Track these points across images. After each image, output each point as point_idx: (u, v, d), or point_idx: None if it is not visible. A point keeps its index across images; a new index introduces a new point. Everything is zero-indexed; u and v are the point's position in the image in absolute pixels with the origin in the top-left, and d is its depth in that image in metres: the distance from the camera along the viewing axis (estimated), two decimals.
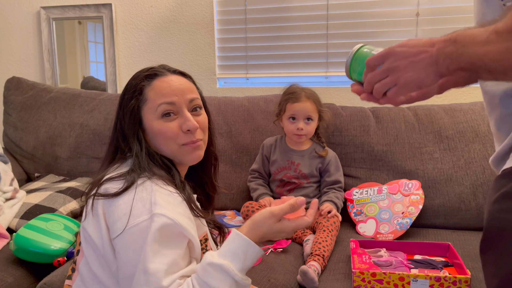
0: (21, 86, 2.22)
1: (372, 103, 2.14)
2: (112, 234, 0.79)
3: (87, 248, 0.85)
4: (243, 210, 1.63)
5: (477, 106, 1.73)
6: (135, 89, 0.90)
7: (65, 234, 1.44)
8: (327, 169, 1.67)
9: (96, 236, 0.82)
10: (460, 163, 1.65)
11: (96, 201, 0.83)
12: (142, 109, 0.90)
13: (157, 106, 0.88)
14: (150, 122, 0.90)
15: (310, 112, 1.62)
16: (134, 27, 2.29)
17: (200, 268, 0.79)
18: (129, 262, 0.77)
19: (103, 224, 0.82)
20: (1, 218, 1.59)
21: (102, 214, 0.82)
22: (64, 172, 2.05)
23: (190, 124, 0.89)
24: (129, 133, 0.89)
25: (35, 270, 1.42)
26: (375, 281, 1.18)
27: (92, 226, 0.83)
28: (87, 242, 0.85)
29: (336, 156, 1.71)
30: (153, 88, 0.90)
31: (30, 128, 2.13)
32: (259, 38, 2.16)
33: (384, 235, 1.55)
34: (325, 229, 1.47)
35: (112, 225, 0.79)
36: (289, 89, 1.70)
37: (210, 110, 1.03)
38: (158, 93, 0.89)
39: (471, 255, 1.38)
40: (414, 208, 1.57)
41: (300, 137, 1.64)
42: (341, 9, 2.04)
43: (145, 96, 0.90)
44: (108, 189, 0.83)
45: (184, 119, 0.90)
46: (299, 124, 1.62)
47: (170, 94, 0.89)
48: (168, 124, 0.89)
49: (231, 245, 0.80)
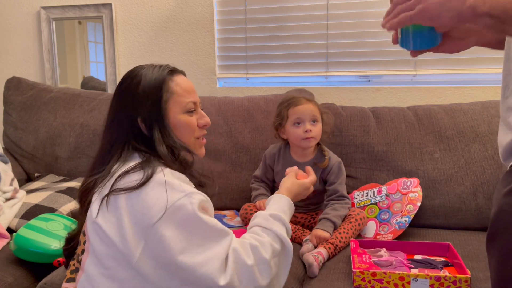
0: (21, 86, 2.22)
1: (372, 103, 2.15)
2: (151, 220, 0.79)
3: (98, 245, 0.85)
4: (242, 212, 1.62)
5: (477, 106, 1.73)
6: (161, 81, 0.95)
7: (65, 234, 1.44)
8: (327, 178, 1.60)
9: (113, 231, 0.82)
10: (460, 163, 1.65)
11: (114, 196, 0.83)
12: (169, 101, 0.95)
13: (186, 102, 0.98)
14: (176, 114, 0.96)
15: (314, 113, 1.55)
16: (134, 27, 2.29)
17: (262, 218, 0.94)
18: (179, 238, 0.79)
19: (125, 216, 0.82)
20: (1, 218, 1.59)
21: (124, 207, 0.82)
22: (64, 172, 2.05)
23: (207, 119, 1.04)
24: (154, 123, 0.92)
25: (35, 270, 1.42)
26: (375, 280, 1.18)
27: (109, 221, 0.83)
28: (100, 239, 0.84)
29: (339, 164, 1.60)
30: (178, 83, 0.98)
31: (30, 128, 2.13)
32: (259, 38, 2.16)
33: (383, 235, 1.55)
34: (352, 221, 1.49)
35: (148, 212, 0.80)
36: (287, 97, 1.62)
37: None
38: (184, 89, 0.98)
39: (471, 255, 1.38)
40: (412, 206, 1.57)
41: (309, 140, 1.53)
42: (341, 9, 2.04)
43: (172, 90, 0.96)
44: (128, 183, 0.83)
45: (201, 115, 1.03)
46: (307, 126, 1.52)
47: (193, 92, 1.01)
48: (191, 118, 1.00)
49: (278, 204, 1.01)
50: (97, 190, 0.89)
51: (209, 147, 1.88)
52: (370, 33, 2.01)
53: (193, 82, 2.21)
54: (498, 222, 0.71)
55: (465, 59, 1.92)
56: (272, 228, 0.92)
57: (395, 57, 2.00)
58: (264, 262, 0.85)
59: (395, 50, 2.00)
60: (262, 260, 0.85)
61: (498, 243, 0.70)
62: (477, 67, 1.93)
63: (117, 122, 0.95)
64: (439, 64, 1.96)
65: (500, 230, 0.70)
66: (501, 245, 0.69)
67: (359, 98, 2.05)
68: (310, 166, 1.53)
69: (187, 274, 0.79)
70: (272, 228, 0.92)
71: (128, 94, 0.94)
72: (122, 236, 0.81)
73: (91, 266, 0.86)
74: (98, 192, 0.88)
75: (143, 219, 0.80)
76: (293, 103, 1.56)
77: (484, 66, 1.92)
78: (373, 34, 2.01)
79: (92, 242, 0.86)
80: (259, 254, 0.85)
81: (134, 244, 0.80)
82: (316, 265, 1.31)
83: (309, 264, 1.32)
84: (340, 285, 1.23)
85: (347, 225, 1.49)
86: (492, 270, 0.72)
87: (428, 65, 1.98)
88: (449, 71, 1.96)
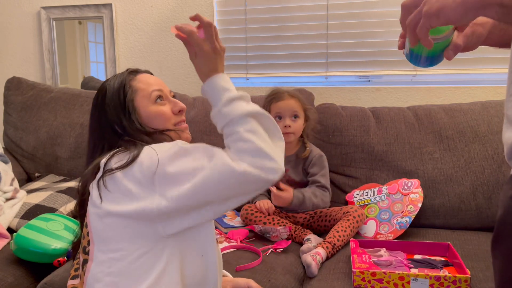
0: (22, 86, 2.22)
1: (372, 103, 2.15)
2: (150, 170, 0.83)
3: (106, 230, 0.87)
4: (243, 212, 1.63)
5: (477, 106, 1.73)
6: (122, 84, 0.99)
7: (65, 234, 1.44)
8: (309, 170, 1.65)
9: (124, 203, 0.85)
10: (460, 163, 1.65)
11: (110, 176, 0.87)
12: (135, 99, 0.98)
13: (150, 92, 0.99)
14: (146, 107, 0.98)
15: (295, 109, 1.60)
16: (134, 27, 2.29)
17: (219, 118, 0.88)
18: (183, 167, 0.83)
19: (128, 184, 0.85)
20: (2, 218, 1.59)
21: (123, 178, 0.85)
22: (64, 172, 2.05)
23: (181, 105, 1.03)
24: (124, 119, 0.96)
25: (35, 270, 1.42)
26: (375, 280, 1.18)
27: (115, 198, 0.86)
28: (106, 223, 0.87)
29: (320, 156, 1.67)
30: (140, 80, 1.01)
31: (30, 128, 2.13)
32: (259, 38, 2.16)
33: (384, 235, 1.55)
34: (350, 219, 1.50)
35: (146, 167, 0.84)
36: (272, 91, 1.69)
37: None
38: (146, 83, 1.00)
39: (471, 255, 1.38)
40: (413, 207, 1.58)
41: (288, 135, 1.60)
42: (341, 9, 2.04)
43: (135, 88, 0.99)
44: (119, 162, 0.87)
45: (174, 103, 1.02)
46: (286, 121, 1.59)
47: (156, 84, 1.02)
48: (162, 107, 1.00)
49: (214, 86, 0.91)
50: (91, 185, 0.93)
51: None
52: (370, 33, 2.01)
53: (193, 82, 2.23)
54: (504, 224, 0.71)
55: (465, 59, 1.92)
56: (233, 115, 0.85)
57: (395, 57, 2.00)
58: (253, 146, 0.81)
59: (395, 50, 2.00)
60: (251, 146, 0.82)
61: (503, 245, 0.70)
62: (477, 67, 1.93)
63: (95, 132, 1.00)
64: (439, 64, 1.96)
65: (506, 233, 0.70)
66: (506, 247, 0.69)
67: (359, 98, 2.05)
68: (293, 159, 1.62)
69: (209, 182, 0.81)
70: (232, 116, 0.85)
71: (99, 108, 1.00)
72: (135, 198, 0.84)
73: (99, 253, 0.89)
74: (92, 184, 0.92)
75: (144, 175, 0.84)
76: (276, 98, 1.63)
77: (484, 66, 1.92)
78: (373, 34, 2.01)
79: (97, 230, 0.89)
80: (242, 147, 0.83)
81: (150, 197, 0.84)
82: (314, 265, 1.31)
83: (307, 265, 1.33)
84: (340, 285, 1.23)
85: (344, 223, 1.49)
86: (496, 272, 0.72)
87: None
88: (449, 71, 1.96)
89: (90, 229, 0.91)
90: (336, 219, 1.56)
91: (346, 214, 1.53)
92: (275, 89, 1.69)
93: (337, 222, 1.52)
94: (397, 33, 2.12)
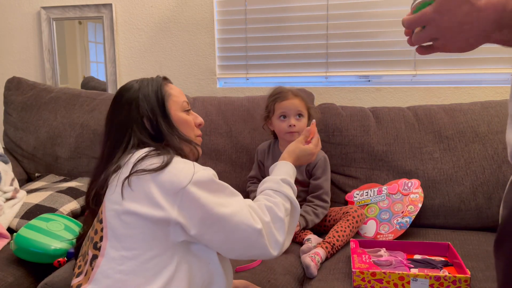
0: (22, 86, 2.22)
1: (372, 103, 2.15)
2: (181, 184, 0.88)
3: (123, 228, 0.89)
4: None
5: (477, 106, 1.73)
6: (158, 85, 1.07)
7: (65, 235, 1.44)
8: (314, 172, 1.64)
9: (144, 206, 0.88)
10: (460, 163, 1.65)
11: (137, 177, 0.90)
12: (168, 102, 1.06)
13: (182, 101, 1.10)
14: (176, 112, 1.07)
15: (300, 108, 1.60)
16: (134, 27, 2.29)
17: (273, 182, 1.04)
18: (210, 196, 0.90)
19: (153, 189, 0.88)
20: (2, 218, 1.59)
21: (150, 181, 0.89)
22: (65, 172, 2.05)
23: (201, 119, 1.15)
24: (159, 119, 1.03)
25: (35, 270, 1.42)
26: (375, 280, 1.19)
27: (137, 198, 0.89)
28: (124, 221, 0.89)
29: (325, 159, 1.66)
30: (172, 88, 1.11)
31: (30, 128, 2.13)
32: (259, 38, 2.16)
33: (384, 235, 1.55)
34: (350, 219, 1.50)
35: (176, 180, 0.89)
36: (275, 90, 1.68)
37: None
38: (177, 92, 1.11)
39: (471, 255, 1.38)
40: (413, 207, 1.58)
41: (292, 134, 1.59)
42: (341, 9, 2.04)
43: (168, 93, 1.08)
44: (150, 165, 0.90)
45: (195, 116, 1.14)
46: (291, 121, 1.58)
47: (185, 96, 1.13)
48: (189, 116, 1.11)
49: (285, 169, 1.10)
50: (112, 181, 0.94)
51: (209, 147, 1.88)
52: (370, 33, 2.01)
53: (193, 82, 2.23)
54: (509, 225, 0.70)
55: (465, 59, 1.92)
56: (283, 190, 1.02)
57: (395, 57, 2.00)
58: (279, 220, 0.96)
59: (395, 50, 2.00)
60: (278, 218, 0.96)
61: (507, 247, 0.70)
62: (477, 67, 1.93)
63: (120, 126, 1.02)
64: (439, 64, 1.96)
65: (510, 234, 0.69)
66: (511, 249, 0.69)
67: (359, 98, 2.05)
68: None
69: (224, 223, 0.90)
70: (282, 190, 1.02)
71: (129, 101, 1.03)
72: (156, 205, 0.88)
73: (112, 250, 0.90)
74: (116, 180, 0.93)
75: (172, 186, 0.88)
76: (280, 98, 1.62)
77: (484, 66, 1.92)
78: (373, 34, 2.01)
79: (114, 227, 0.90)
80: (274, 213, 0.96)
81: (169, 209, 0.88)
82: (313, 266, 1.31)
83: (306, 266, 1.33)
84: (340, 285, 1.24)
85: (344, 223, 1.49)
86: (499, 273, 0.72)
87: (428, 65, 1.98)
88: (449, 71, 1.96)
89: (106, 225, 0.92)
90: (336, 219, 1.56)
91: (345, 214, 1.53)
92: (279, 88, 1.69)
93: (337, 223, 1.52)
94: (397, 33, 2.14)
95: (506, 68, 1.91)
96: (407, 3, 1.95)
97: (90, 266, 0.92)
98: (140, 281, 0.87)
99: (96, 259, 0.91)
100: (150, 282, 0.87)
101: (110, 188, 0.93)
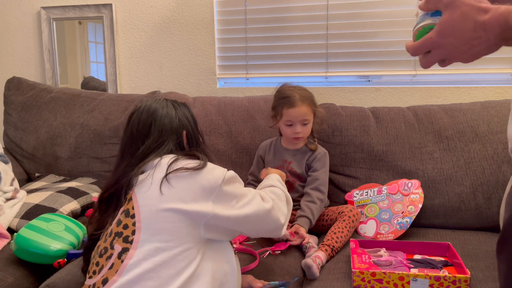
0: (22, 86, 2.22)
1: (371, 103, 2.14)
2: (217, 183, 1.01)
3: (171, 221, 0.97)
4: None
5: (477, 106, 1.73)
6: (188, 107, 1.22)
7: (66, 235, 1.44)
8: (312, 165, 1.66)
9: (182, 201, 0.97)
10: (460, 163, 1.65)
11: (175, 175, 1.00)
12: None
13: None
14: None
15: (306, 116, 1.61)
16: (134, 27, 2.29)
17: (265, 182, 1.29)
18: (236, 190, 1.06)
19: (193, 185, 0.99)
20: (2, 218, 1.59)
21: (189, 178, 1.00)
22: (65, 172, 2.05)
23: None
24: (197, 135, 1.19)
25: (35, 270, 1.42)
26: (375, 280, 1.19)
27: (176, 194, 0.98)
28: (161, 216, 0.97)
29: (325, 154, 1.69)
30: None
31: (30, 128, 2.13)
32: (259, 38, 2.16)
33: (384, 235, 1.55)
34: (346, 219, 1.51)
35: (212, 178, 1.01)
36: (282, 92, 1.66)
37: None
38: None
39: (471, 255, 1.38)
40: (413, 207, 1.58)
41: (298, 139, 1.65)
42: (341, 9, 2.04)
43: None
44: (187, 164, 1.01)
45: None
46: (297, 129, 1.61)
47: None
48: None
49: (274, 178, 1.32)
50: (143, 180, 1.02)
51: (209, 147, 1.88)
52: (370, 33, 2.01)
53: (193, 82, 2.23)
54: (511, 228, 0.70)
55: None
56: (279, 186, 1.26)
57: (395, 57, 2.00)
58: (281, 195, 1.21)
59: (395, 50, 2.00)
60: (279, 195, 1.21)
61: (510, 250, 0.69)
62: (477, 67, 1.93)
63: (165, 131, 1.12)
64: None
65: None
66: None
67: (359, 98, 2.05)
68: (299, 153, 1.69)
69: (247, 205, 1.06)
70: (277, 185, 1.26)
71: (170, 116, 1.14)
72: (194, 200, 0.98)
73: (146, 242, 0.96)
74: (151, 178, 1.01)
75: (209, 183, 1.01)
76: (288, 104, 1.61)
77: (483, 66, 1.92)
78: (373, 34, 2.01)
79: (149, 221, 0.97)
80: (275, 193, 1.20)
81: (204, 204, 0.99)
82: (315, 266, 1.31)
83: (308, 267, 1.32)
84: (340, 285, 1.24)
85: (340, 224, 1.50)
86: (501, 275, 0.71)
87: None
88: (449, 71, 1.96)
89: (139, 219, 0.98)
90: (332, 218, 1.57)
91: (341, 214, 1.54)
92: (287, 89, 1.66)
93: (334, 223, 1.52)
94: (397, 33, 2.13)
95: (506, 68, 1.91)
96: (407, 3, 1.95)
97: (119, 259, 0.96)
98: (171, 272, 0.94)
99: (127, 251, 0.96)
100: (179, 273, 0.94)
101: (143, 186, 1.01)
